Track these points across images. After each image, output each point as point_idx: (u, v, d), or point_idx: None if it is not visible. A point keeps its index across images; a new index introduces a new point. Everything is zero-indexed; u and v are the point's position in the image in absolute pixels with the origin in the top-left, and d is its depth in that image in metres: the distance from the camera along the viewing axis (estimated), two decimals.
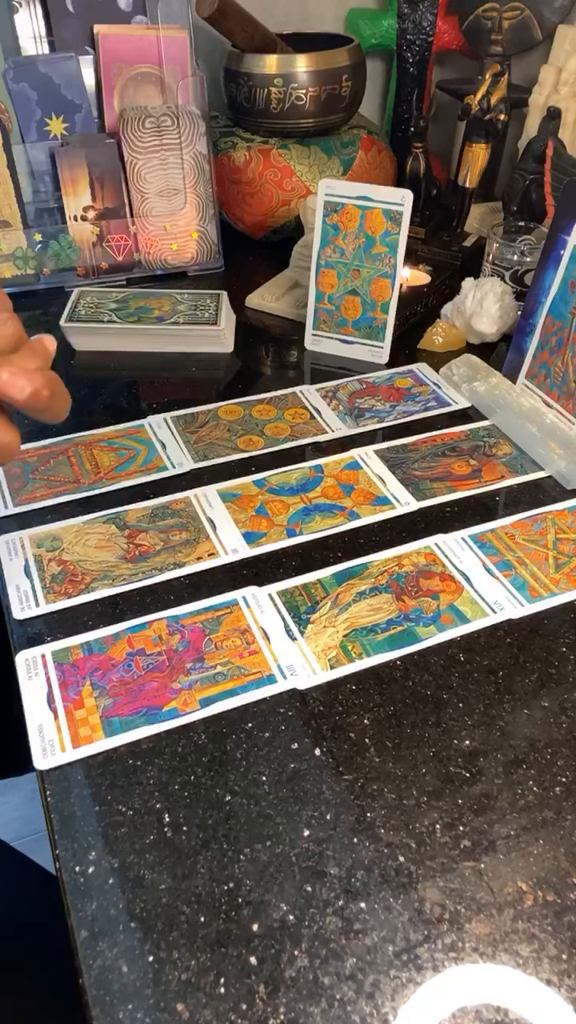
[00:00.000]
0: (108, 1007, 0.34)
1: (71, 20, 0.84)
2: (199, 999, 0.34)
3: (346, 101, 0.93)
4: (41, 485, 0.62)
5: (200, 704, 0.46)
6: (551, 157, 0.86)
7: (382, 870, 0.39)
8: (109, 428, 0.69)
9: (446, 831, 0.41)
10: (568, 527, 0.59)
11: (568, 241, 0.65)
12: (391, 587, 0.54)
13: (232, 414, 0.71)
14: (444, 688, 0.48)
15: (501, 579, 0.54)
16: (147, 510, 0.60)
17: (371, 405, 0.72)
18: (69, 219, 0.87)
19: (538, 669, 0.49)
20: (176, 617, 0.51)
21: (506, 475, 0.64)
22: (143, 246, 0.91)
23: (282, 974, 0.35)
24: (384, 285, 0.75)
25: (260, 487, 0.62)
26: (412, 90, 1.08)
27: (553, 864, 0.39)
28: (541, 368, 0.69)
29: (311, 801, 0.42)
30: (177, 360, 0.79)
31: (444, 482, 0.63)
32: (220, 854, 0.39)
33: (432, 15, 1.02)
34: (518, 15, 0.97)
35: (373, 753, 0.44)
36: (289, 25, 1.01)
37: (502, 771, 0.43)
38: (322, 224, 0.75)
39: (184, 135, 0.86)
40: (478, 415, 0.71)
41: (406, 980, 0.35)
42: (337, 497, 0.61)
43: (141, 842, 0.40)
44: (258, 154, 0.94)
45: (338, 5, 1.09)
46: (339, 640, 0.50)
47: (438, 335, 0.80)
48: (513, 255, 0.80)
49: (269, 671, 0.48)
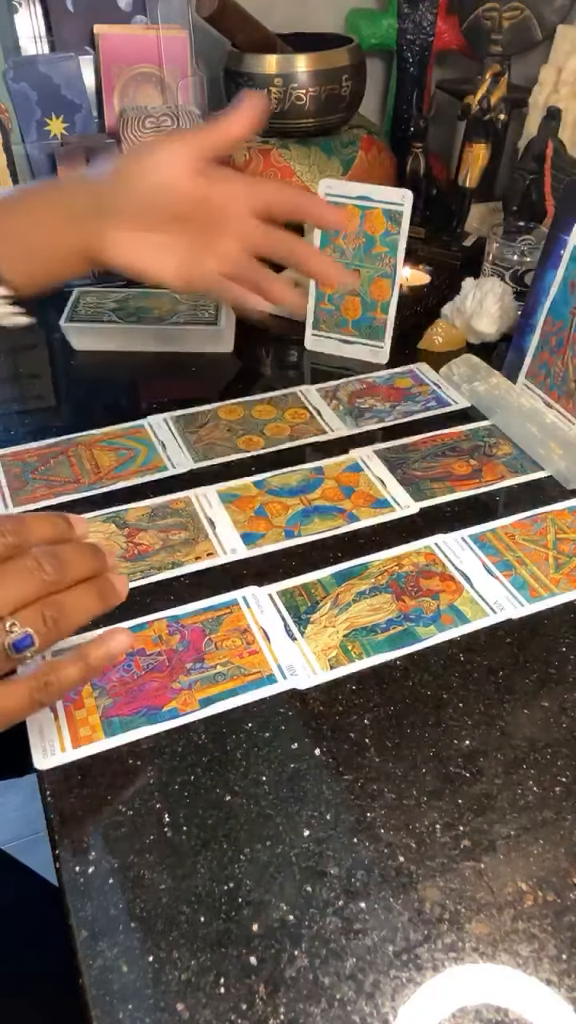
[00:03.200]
0: (108, 1007, 0.34)
1: (71, 20, 0.84)
2: (199, 999, 0.34)
3: (346, 101, 0.93)
4: (41, 485, 0.62)
5: (200, 704, 0.46)
6: (551, 157, 0.86)
7: (382, 870, 0.39)
8: (109, 428, 0.68)
9: (446, 831, 0.41)
10: (568, 527, 0.59)
11: (568, 241, 0.65)
12: (391, 587, 0.54)
13: (232, 414, 0.71)
14: (444, 688, 0.48)
15: (501, 579, 0.54)
16: (147, 509, 0.60)
17: (371, 405, 0.72)
18: None
19: (538, 669, 0.49)
20: (176, 617, 0.51)
21: (506, 475, 0.64)
22: None
23: (282, 974, 0.35)
24: (384, 285, 0.75)
25: (260, 488, 0.62)
26: (412, 90, 1.08)
27: (553, 864, 0.39)
28: (541, 368, 0.69)
29: (311, 801, 0.42)
30: (177, 360, 0.79)
31: (444, 482, 0.63)
32: (220, 854, 0.39)
33: (432, 15, 1.02)
34: (518, 15, 0.97)
35: (373, 753, 0.44)
36: (289, 25, 1.01)
37: (502, 771, 0.43)
38: None
39: None
40: (478, 415, 0.71)
41: (406, 980, 0.35)
42: (337, 499, 0.61)
43: (141, 842, 0.40)
44: (258, 154, 0.94)
45: (338, 5, 1.09)
46: (339, 640, 0.50)
47: (438, 335, 0.80)
48: (513, 255, 0.80)
49: (269, 671, 0.48)
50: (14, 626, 0.35)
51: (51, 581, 0.36)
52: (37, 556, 0.36)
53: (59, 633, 0.37)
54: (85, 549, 0.39)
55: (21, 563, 0.36)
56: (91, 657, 0.39)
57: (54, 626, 0.36)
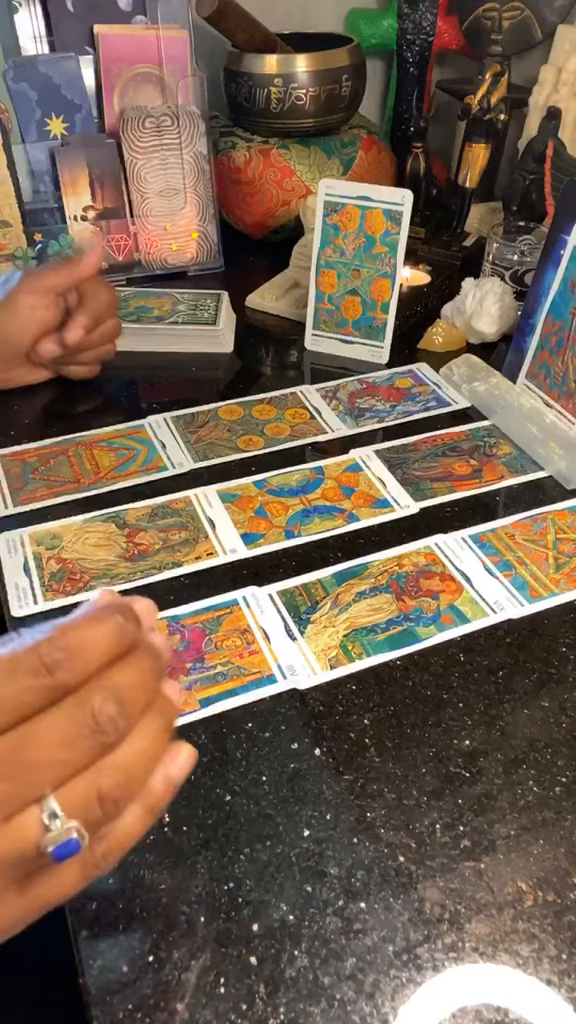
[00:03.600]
0: (108, 1007, 0.34)
1: (71, 20, 0.84)
2: (199, 999, 0.34)
3: (346, 101, 0.93)
4: (41, 485, 0.62)
5: (200, 704, 0.46)
6: (551, 157, 0.86)
7: (382, 870, 0.39)
8: (109, 428, 0.68)
9: (446, 831, 0.41)
10: (568, 527, 0.59)
11: (568, 241, 0.65)
12: (391, 587, 0.54)
13: (232, 414, 0.71)
14: (444, 688, 0.48)
15: (501, 579, 0.54)
16: (147, 509, 0.60)
17: (371, 405, 0.72)
18: (69, 219, 0.87)
19: (538, 669, 0.49)
20: (176, 617, 0.51)
21: (506, 475, 0.64)
22: (143, 246, 0.91)
23: (282, 974, 0.35)
24: (384, 285, 0.75)
25: (260, 488, 0.62)
26: (412, 90, 1.08)
27: (553, 864, 0.39)
28: (541, 368, 0.69)
29: (311, 801, 0.42)
30: (177, 360, 0.79)
31: (444, 482, 0.63)
32: (220, 854, 0.39)
33: (432, 15, 1.02)
34: (518, 15, 0.97)
35: (373, 753, 0.44)
36: (289, 25, 1.01)
37: (502, 771, 0.43)
38: (322, 224, 0.75)
39: (184, 135, 0.86)
40: (478, 415, 0.71)
41: (406, 980, 0.35)
42: (337, 499, 0.61)
43: (141, 842, 0.40)
44: (258, 154, 0.94)
45: (338, 5, 1.09)
46: (339, 640, 0.50)
47: (438, 335, 0.80)
48: (513, 255, 0.80)
49: (269, 671, 0.48)
50: (55, 818, 0.25)
51: (109, 743, 0.26)
52: (93, 705, 0.26)
53: (117, 814, 0.28)
54: (149, 663, 0.28)
55: (70, 715, 0.26)
56: (153, 796, 0.29)
57: (113, 808, 0.27)
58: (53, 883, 0.28)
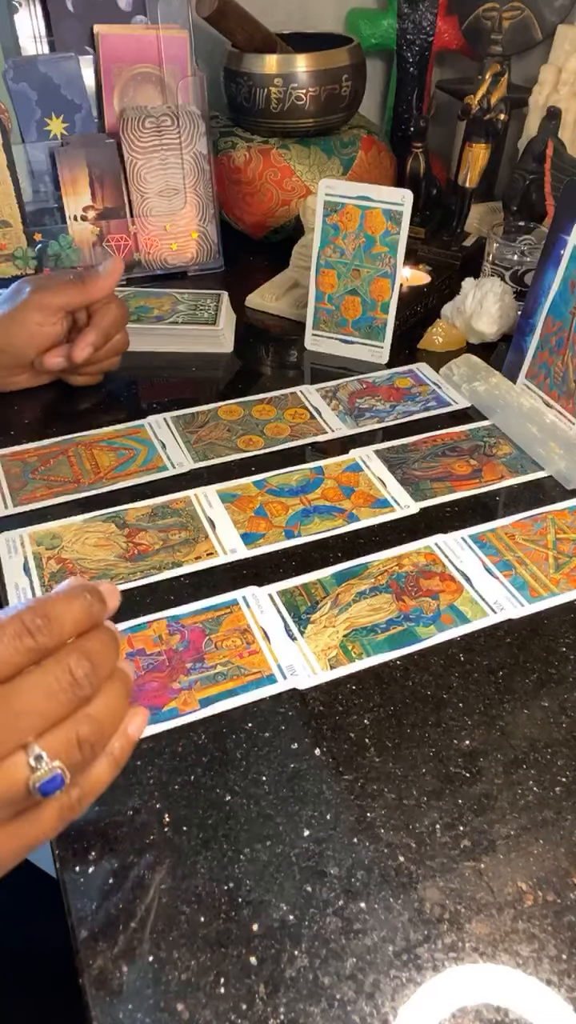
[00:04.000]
0: (108, 1007, 0.34)
1: (71, 20, 0.84)
2: (199, 999, 0.34)
3: (346, 101, 0.93)
4: (41, 485, 0.62)
5: (200, 704, 0.46)
6: (551, 157, 0.86)
7: (382, 870, 0.39)
8: (109, 428, 0.69)
9: (446, 831, 0.41)
10: (568, 527, 0.59)
11: (568, 241, 0.65)
12: (391, 587, 0.54)
13: (232, 414, 0.71)
14: (444, 688, 0.48)
15: (501, 579, 0.54)
16: (147, 509, 0.60)
17: (371, 405, 0.72)
18: (69, 219, 0.87)
19: (538, 669, 0.49)
20: (176, 617, 0.51)
21: (506, 475, 0.64)
22: (143, 246, 0.91)
23: (282, 974, 0.35)
24: (384, 285, 0.75)
25: (260, 488, 0.62)
26: (412, 90, 1.08)
27: (553, 864, 0.39)
28: (541, 368, 0.69)
29: (311, 801, 0.42)
30: (177, 360, 0.79)
31: (444, 482, 0.63)
32: (220, 854, 0.39)
33: (432, 15, 1.02)
34: (518, 15, 0.97)
35: (373, 753, 0.44)
36: (289, 25, 1.01)
37: (502, 771, 0.43)
38: (322, 224, 0.75)
39: (184, 135, 0.86)
40: (478, 415, 0.71)
41: (406, 980, 0.35)
42: (337, 499, 0.61)
43: (141, 842, 0.40)
44: (258, 154, 0.94)
45: (338, 5, 1.09)
46: (339, 640, 0.50)
47: (438, 335, 0.80)
48: (513, 255, 0.80)
49: (269, 671, 0.48)
50: (40, 759, 0.29)
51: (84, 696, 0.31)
52: (70, 664, 0.30)
53: (94, 758, 0.32)
54: (111, 637, 0.33)
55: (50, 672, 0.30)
56: (117, 750, 0.34)
57: (90, 752, 0.31)
58: (34, 823, 0.31)
